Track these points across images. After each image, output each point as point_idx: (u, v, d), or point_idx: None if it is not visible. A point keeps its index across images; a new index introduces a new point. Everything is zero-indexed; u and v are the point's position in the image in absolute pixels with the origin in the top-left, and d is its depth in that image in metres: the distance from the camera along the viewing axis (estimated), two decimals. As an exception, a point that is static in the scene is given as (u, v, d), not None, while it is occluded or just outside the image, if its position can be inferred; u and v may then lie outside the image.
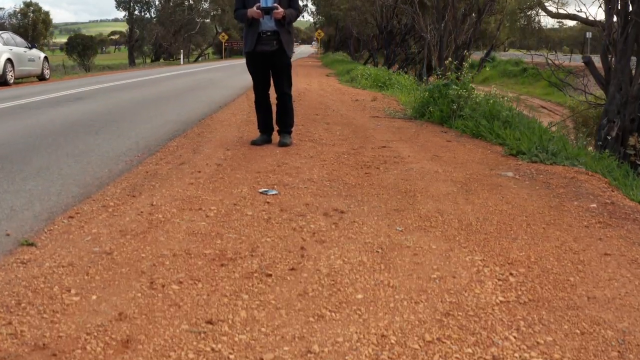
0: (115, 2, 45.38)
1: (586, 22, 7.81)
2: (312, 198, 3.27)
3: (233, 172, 3.91)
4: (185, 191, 3.38)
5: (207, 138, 5.38)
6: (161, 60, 46.71)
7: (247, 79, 15.09)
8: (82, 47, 44.81)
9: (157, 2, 46.27)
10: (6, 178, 3.74)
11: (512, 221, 2.91)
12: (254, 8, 4.51)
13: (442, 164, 4.26)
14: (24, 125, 6.14)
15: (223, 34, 45.60)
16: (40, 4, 39.96)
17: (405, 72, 15.48)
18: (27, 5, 37.98)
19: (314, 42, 61.16)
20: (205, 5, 49.40)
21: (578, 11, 10.19)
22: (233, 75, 17.39)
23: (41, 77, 15.19)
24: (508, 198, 3.34)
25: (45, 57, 15.76)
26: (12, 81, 13.20)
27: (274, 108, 5.03)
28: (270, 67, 4.81)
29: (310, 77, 17.51)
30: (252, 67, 4.83)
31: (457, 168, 4.14)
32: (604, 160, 4.87)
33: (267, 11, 4.53)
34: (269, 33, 4.63)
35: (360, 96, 10.30)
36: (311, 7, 52.58)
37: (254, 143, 4.98)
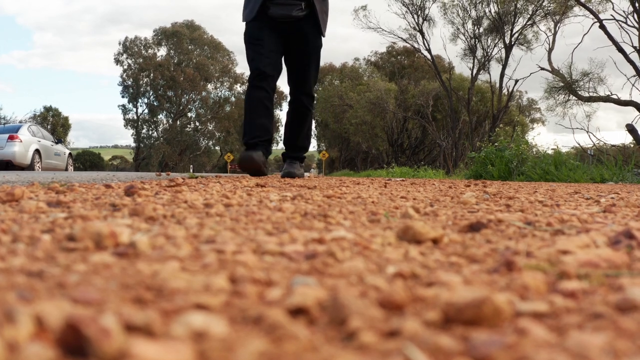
0: (123, 122, 47.50)
1: (619, 103, 8.36)
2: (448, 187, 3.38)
3: (326, 180, 4.03)
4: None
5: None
6: (166, 179, 47.76)
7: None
8: (90, 164, 46.10)
9: (164, 122, 48.51)
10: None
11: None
12: None
13: (548, 185, 4.42)
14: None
15: (229, 154, 47.15)
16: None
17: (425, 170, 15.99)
18: (47, 109, 39.62)
19: (312, 170, 60.75)
20: (210, 127, 51.68)
21: (609, 94, 10.89)
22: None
23: (65, 173, 15.29)
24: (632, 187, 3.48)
25: (70, 154, 15.71)
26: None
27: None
28: (288, 46, 3.23)
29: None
30: (256, 40, 3.15)
31: (564, 186, 4.28)
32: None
33: None
34: None
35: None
36: (314, 130, 54.82)
37: (242, 166, 3.59)
